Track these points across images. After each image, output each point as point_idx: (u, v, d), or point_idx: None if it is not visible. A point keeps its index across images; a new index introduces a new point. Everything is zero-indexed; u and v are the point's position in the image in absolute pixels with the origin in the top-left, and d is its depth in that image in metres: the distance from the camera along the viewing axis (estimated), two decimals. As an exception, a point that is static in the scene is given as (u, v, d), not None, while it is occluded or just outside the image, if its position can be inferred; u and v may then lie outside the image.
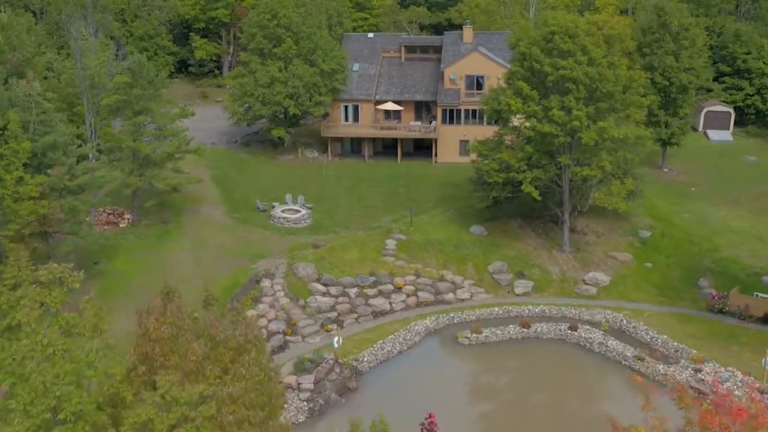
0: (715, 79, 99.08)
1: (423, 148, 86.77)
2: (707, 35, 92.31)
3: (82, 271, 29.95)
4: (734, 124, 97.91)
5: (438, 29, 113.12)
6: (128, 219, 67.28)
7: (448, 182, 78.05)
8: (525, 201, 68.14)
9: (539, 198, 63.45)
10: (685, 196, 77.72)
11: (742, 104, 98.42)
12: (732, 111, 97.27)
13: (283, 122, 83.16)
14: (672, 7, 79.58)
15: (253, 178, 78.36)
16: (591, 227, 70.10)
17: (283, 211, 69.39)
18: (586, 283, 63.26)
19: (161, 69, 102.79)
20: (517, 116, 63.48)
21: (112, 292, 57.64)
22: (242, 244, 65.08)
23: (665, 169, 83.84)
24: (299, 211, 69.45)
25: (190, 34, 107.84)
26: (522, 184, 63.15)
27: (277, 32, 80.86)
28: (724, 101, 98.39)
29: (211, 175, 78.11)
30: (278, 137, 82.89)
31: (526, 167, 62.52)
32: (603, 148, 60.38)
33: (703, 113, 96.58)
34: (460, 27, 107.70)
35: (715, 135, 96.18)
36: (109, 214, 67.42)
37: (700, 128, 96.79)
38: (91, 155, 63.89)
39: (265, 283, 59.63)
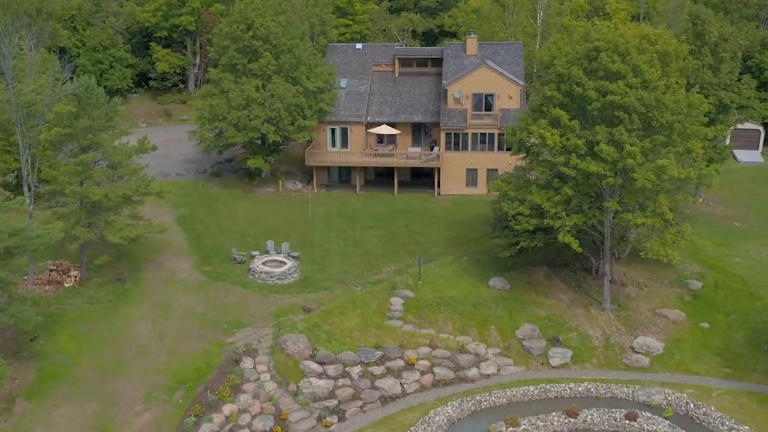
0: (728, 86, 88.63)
1: (421, 176, 75.47)
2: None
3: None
4: (764, 143, 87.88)
5: (429, 37, 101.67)
6: (75, 276, 55.02)
7: (456, 220, 66.71)
8: (551, 245, 56.96)
9: (580, 250, 52.31)
10: (730, 234, 66.96)
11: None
12: (762, 129, 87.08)
13: (260, 150, 71.11)
14: (709, 14, 68.61)
15: (226, 218, 66.26)
16: (630, 276, 59.20)
17: (264, 263, 57.50)
18: (636, 351, 52.36)
19: (119, 82, 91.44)
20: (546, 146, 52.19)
21: (54, 378, 46.10)
22: (216, 309, 53.09)
23: (700, 200, 73.04)
24: (284, 263, 57.59)
25: (151, 43, 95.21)
26: (557, 231, 51.92)
27: (252, 45, 68.88)
28: (751, 118, 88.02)
29: (177, 215, 65.95)
30: (255, 167, 70.77)
31: (563, 212, 51.24)
32: (660, 191, 49.31)
33: (729, 132, 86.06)
34: (453, 35, 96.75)
35: (743, 156, 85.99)
36: (51, 270, 55.04)
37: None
38: (28, 201, 51.45)
39: (247, 363, 47.84)
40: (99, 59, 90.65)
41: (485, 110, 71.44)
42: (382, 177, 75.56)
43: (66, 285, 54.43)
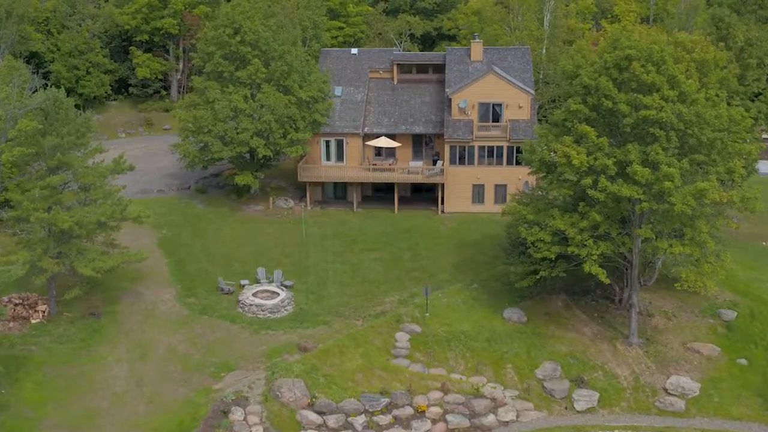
0: (757, 96, 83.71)
1: (423, 191, 69.97)
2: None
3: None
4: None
5: (426, 41, 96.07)
6: (43, 312, 49.24)
7: (463, 241, 61.26)
8: (570, 272, 51.58)
9: (607, 281, 46.99)
10: (760, 255, 61.72)
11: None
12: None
13: (249, 165, 65.37)
14: (734, 17, 63.35)
15: (212, 241, 60.49)
16: (656, 305, 53.94)
17: (255, 294, 51.82)
18: (670, 393, 47.16)
19: (96, 89, 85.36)
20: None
21: (16, 435, 40.03)
22: (201, 349, 47.43)
23: (736, 221, 67.45)
24: (277, 294, 51.94)
25: (131, 48, 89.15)
26: (582, 260, 46.55)
27: (240, 51, 63.14)
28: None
29: (158, 238, 60.16)
30: (244, 184, 65.00)
31: (590, 240, 45.84)
32: (700, 216, 44.00)
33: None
34: (452, 38, 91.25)
35: (764, 167, 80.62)
36: (16, 304, 49.24)
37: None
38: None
39: (236, 414, 42.26)
40: (75, 65, 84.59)
41: (493, 121, 65.95)
42: (380, 192, 70.01)
43: (33, 321, 48.67)
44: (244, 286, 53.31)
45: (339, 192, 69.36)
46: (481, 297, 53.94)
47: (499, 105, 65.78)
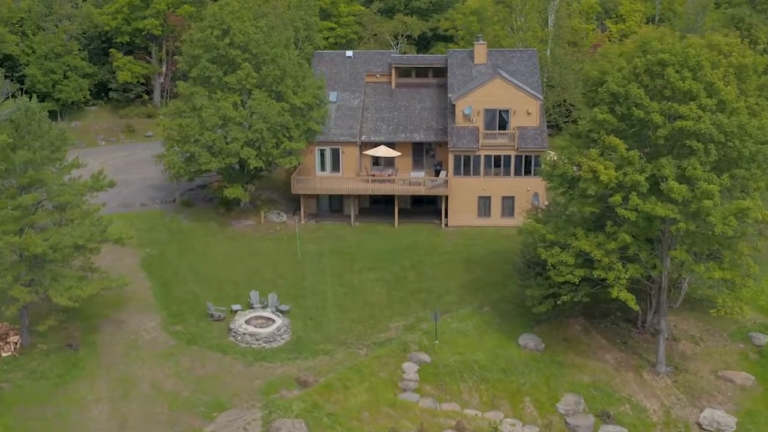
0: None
1: (424, 203, 65.75)
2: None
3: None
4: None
5: (420, 42, 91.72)
6: (15, 343, 44.62)
7: (470, 258, 57.11)
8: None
9: (637, 308, 42.97)
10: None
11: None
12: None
13: (239, 177, 60.86)
14: (755, 18, 59.48)
15: (200, 260, 55.98)
16: (682, 328, 50.05)
17: (248, 321, 47.37)
18: (704, 429, 43.15)
19: (74, 94, 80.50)
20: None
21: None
22: (190, 385, 42.93)
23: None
24: (272, 321, 47.52)
25: (111, 50, 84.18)
26: (609, 284, 42.48)
27: (229, 54, 58.62)
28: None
29: (141, 258, 55.60)
30: (233, 197, 60.48)
31: (618, 263, 41.75)
32: (741, 236, 40.01)
33: None
34: (449, 39, 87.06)
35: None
36: (-15, 336, 44.63)
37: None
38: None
39: (231, 461, 37.79)
40: (51, 68, 79.62)
41: (499, 128, 61.78)
42: (378, 204, 65.72)
43: (4, 354, 44.06)
44: (236, 311, 48.86)
45: (335, 204, 65.03)
46: (494, 321, 49.80)
47: (506, 111, 61.66)
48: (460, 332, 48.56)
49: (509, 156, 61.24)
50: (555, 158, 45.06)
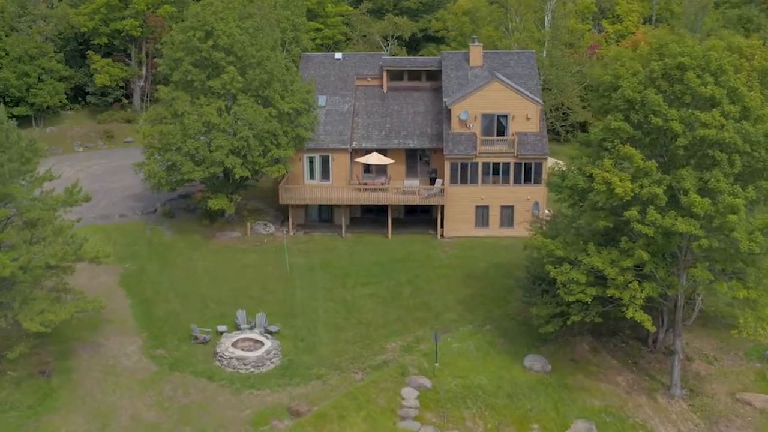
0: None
1: (418, 212, 62.81)
2: None
3: None
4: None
5: (410, 43, 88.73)
6: (-17, 371, 41.16)
7: (469, 272, 54.18)
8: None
9: (653, 329, 40.16)
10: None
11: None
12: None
13: (224, 187, 57.62)
14: (764, 18, 56.85)
15: (183, 277, 52.70)
16: (694, 346, 47.37)
17: (235, 344, 44.18)
18: (724, 457, 40.29)
19: (50, 98, 77.00)
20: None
21: None
22: (173, 415, 39.72)
23: None
24: (261, 343, 44.35)
25: (88, 52, 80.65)
26: (624, 304, 39.64)
27: (213, 57, 55.39)
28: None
29: (120, 274, 52.32)
30: (218, 209, 57.21)
31: (633, 280, 38.90)
32: (766, 253, 37.24)
33: None
34: (440, 41, 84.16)
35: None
36: (-50, 363, 41.16)
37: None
38: None
39: (218, 503, 34.60)
40: (25, 71, 76.01)
41: (498, 134, 58.86)
42: (370, 213, 62.74)
43: (-30, 383, 40.59)
44: (222, 333, 45.64)
45: (324, 214, 61.93)
46: (497, 341, 46.85)
47: (505, 116, 58.75)
48: (461, 353, 45.59)
49: (508, 163, 58.35)
50: (562, 167, 42.12)
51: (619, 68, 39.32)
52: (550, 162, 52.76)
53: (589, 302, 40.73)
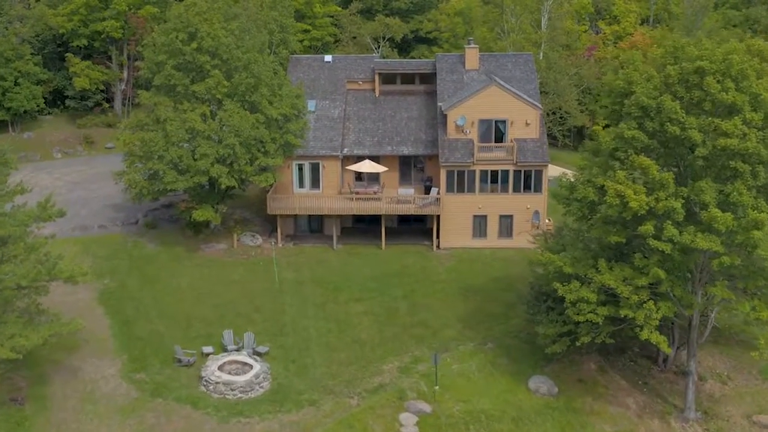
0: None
1: (412, 221, 60.17)
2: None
3: None
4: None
5: (401, 45, 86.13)
6: (-51, 399, 38.18)
7: (468, 286, 51.65)
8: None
9: (669, 350, 37.72)
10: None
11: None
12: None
13: (209, 197, 54.80)
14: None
15: (166, 293, 49.87)
16: (707, 365, 45.00)
17: (222, 367, 41.39)
18: (743, 486, 37.85)
19: (27, 103, 73.95)
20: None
21: None
22: (156, 447, 36.89)
23: None
24: (249, 366, 41.59)
25: (67, 54, 77.55)
26: (638, 325, 37.18)
27: (197, 60, 52.59)
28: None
29: (99, 291, 49.43)
30: (203, 220, 54.37)
31: (650, 301, 36.42)
32: (790, 271, 34.88)
33: None
34: (432, 42, 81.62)
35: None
36: None
37: None
38: None
39: None
40: (1, 74, 72.91)
41: (496, 141, 56.34)
42: (361, 223, 60.10)
43: (-65, 413, 37.65)
44: (207, 355, 42.85)
45: (314, 224, 59.20)
46: (499, 361, 44.29)
47: (503, 122, 56.24)
48: (462, 375, 43.03)
49: (507, 171, 55.83)
50: (570, 178, 39.53)
51: (632, 73, 36.81)
52: (558, 172, 50.07)
53: (600, 323, 38.17)
